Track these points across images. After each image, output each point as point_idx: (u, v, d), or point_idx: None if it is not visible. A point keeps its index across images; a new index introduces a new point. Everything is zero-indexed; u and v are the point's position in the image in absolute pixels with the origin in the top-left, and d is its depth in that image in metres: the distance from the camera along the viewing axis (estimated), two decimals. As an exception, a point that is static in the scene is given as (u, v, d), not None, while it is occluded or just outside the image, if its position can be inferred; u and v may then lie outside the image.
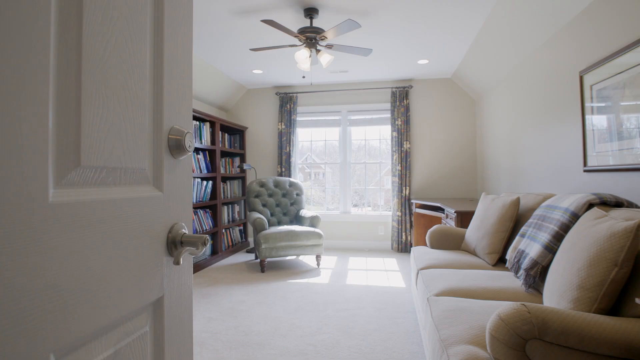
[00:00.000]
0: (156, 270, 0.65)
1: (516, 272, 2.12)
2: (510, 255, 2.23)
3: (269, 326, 2.62)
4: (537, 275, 1.88)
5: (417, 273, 2.45)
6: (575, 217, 1.83)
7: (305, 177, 6.21)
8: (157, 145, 0.67)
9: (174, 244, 0.69)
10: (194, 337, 2.46)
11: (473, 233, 2.73)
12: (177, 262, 0.64)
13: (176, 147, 0.70)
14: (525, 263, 1.97)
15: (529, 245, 2.06)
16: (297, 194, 4.96)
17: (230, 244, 5.32)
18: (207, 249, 4.61)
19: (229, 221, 5.31)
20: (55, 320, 0.45)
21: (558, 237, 1.85)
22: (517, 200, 2.45)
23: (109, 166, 0.55)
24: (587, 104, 2.37)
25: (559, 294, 1.41)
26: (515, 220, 2.52)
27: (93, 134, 0.52)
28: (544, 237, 1.93)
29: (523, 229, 2.23)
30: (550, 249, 1.86)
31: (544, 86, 3.02)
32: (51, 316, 0.44)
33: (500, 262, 2.54)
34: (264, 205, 4.80)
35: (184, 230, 0.72)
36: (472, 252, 2.72)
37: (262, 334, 2.50)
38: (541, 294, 1.90)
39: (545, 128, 3.03)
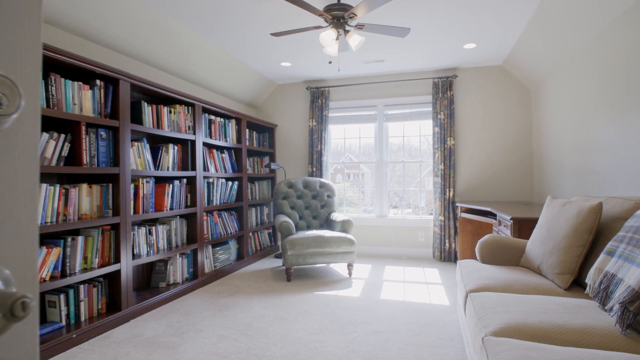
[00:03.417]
0: None
1: (602, 303, 1.59)
2: (592, 278, 1.70)
3: (286, 351, 2.25)
4: (639, 312, 1.36)
5: (466, 296, 1.97)
6: (698, 232, 1.30)
7: (344, 178, 5.85)
8: None
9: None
10: (200, 359, 2.14)
11: (537, 246, 2.20)
12: None
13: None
14: (620, 293, 1.45)
15: (622, 267, 1.54)
16: (329, 196, 4.57)
17: (259, 248, 5.03)
18: (232, 253, 4.33)
19: (257, 224, 5.02)
20: None
21: (672, 260, 1.32)
22: (599, 207, 1.91)
23: None
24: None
25: (698, 355, 0.92)
26: (596, 233, 1.97)
27: None
28: (648, 258, 1.41)
29: (611, 244, 1.69)
30: (660, 277, 1.34)
31: (631, 63, 2.41)
32: None
33: (575, 284, 2.00)
34: (292, 208, 4.45)
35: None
36: (536, 271, 2.19)
37: (277, 360, 2.14)
38: (646, 338, 1.37)
39: (632, 116, 2.42)
